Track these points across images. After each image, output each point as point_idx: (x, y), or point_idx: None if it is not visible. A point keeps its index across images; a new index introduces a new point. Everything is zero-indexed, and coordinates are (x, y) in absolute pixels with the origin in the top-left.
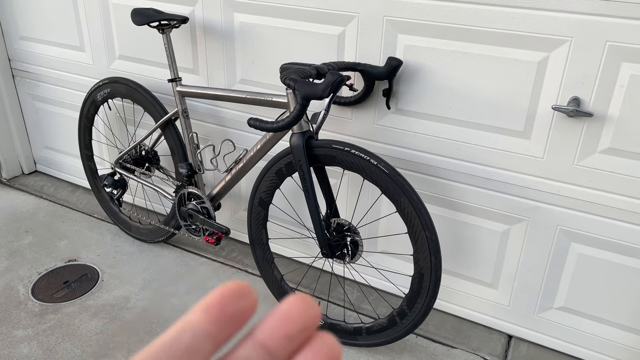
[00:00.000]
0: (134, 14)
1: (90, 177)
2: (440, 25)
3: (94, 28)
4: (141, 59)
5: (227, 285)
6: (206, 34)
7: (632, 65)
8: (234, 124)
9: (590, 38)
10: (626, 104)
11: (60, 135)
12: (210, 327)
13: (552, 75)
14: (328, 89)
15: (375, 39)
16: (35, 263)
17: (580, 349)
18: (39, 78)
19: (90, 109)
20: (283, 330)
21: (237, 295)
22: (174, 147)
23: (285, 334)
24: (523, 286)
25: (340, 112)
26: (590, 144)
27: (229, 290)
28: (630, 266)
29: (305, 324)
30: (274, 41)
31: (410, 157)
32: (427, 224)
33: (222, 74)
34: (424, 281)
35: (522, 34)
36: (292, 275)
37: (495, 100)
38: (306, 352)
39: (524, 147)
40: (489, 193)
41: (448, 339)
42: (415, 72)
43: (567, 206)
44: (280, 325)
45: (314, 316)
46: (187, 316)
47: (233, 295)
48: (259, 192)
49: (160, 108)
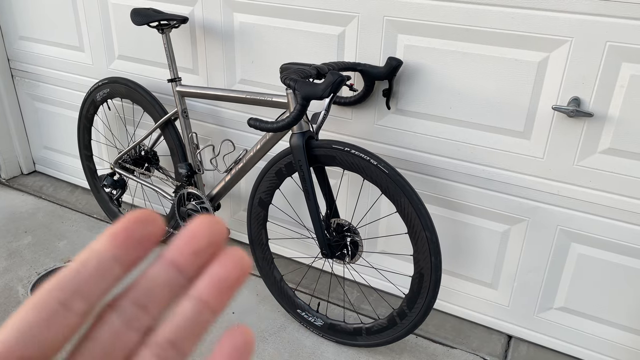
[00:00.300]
0: (133, 14)
1: (90, 177)
2: (441, 26)
3: (94, 28)
4: (141, 59)
5: (132, 214)
6: (206, 34)
7: (632, 66)
8: (233, 124)
9: (590, 38)
10: (626, 104)
11: (60, 136)
12: (116, 251)
13: (552, 75)
14: (328, 89)
15: (375, 39)
16: (34, 263)
17: (580, 349)
18: (38, 78)
19: (89, 109)
20: (190, 247)
21: (143, 222)
22: (174, 147)
23: (192, 250)
24: (523, 286)
25: (340, 112)
26: (590, 144)
27: (134, 217)
28: (630, 266)
29: (211, 239)
30: (273, 41)
31: (410, 157)
32: (427, 224)
33: (221, 74)
34: (424, 281)
35: (523, 34)
36: (292, 276)
37: (495, 100)
38: (214, 265)
39: (524, 148)
40: (489, 193)
41: (448, 339)
42: (416, 72)
43: (567, 206)
44: (187, 242)
45: (220, 232)
46: (92, 244)
47: (138, 222)
48: (258, 192)
49: (159, 108)
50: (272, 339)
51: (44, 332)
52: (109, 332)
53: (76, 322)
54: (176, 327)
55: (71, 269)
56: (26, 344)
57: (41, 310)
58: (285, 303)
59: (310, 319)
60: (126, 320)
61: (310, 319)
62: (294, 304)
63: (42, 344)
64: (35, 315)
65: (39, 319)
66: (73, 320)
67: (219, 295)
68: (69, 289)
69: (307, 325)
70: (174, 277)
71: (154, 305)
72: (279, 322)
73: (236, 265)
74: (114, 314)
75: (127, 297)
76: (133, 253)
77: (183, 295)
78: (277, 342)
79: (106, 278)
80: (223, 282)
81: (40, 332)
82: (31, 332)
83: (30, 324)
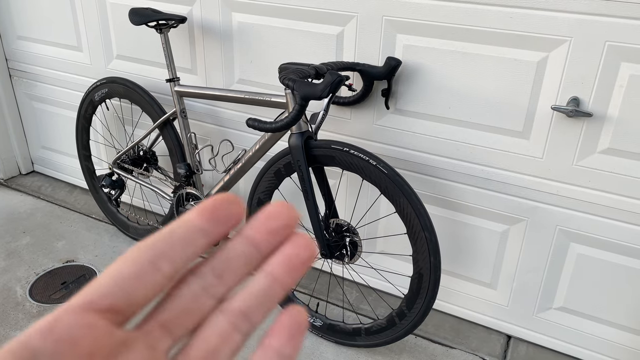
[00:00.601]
0: (131, 14)
1: (88, 177)
2: (440, 25)
3: (92, 28)
4: (139, 58)
5: (218, 196)
6: (204, 33)
7: (631, 65)
8: (232, 124)
9: (589, 38)
10: (625, 104)
11: (58, 136)
12: (203, 223)
13: (552, 75)
14: (327, 89)
15: (374, 38)
16: (32, 264)
17: (579, 349)
18: (36, 78)
19: (87, 109)
20: (267, 226)
21: (227, 202)
22: (172, 148)
23: (268, 229)
24: (522, 286)
25: (339, 112)
26: (589, 144)
27: (219, 198)
28: (629, 266)
29: (286, 222)
30: (272, 41)
31: (410, 157)
32: (427, 225)
33: (220, 73)
34: (423, 282)
35: (522, 34)
36: None
37: (494, 100)
38: (286, 245)
39: (523, 147)
40: (488, 193)
41: (447, 339)
42: (414, 72)
43: (566, 206)
44: (264, 222)
45: (293, 216)
46: (183, 216)
47: (224, 202)
48: (257, 192)
49: (158, 108)
50: None
51: (134, 286)
52: (189, 295)
53: (162, 282)
54: (249, 298)
55: (162, 234)
56: (117, 295)
57: (133, 266)
58: (284, 303)
59: (310, 320)
60: (205, 286)
61: (309, 319)
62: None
63: (130, 297)
64: (128, 269)
65: (131, 274)
66: (159, 280)
67: (289, 272)
68: (159, 251)
69: None
70: (250, 252)
71: (230, 276)
72: None
73: (306, 247)
74: (194, 279)
75: (207, 265)
76: (217, 228)
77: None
78: None
79: (192, 246)
80: (294, 260)
81: (131, 286)
82: (123, 284)
83: (123, 278)
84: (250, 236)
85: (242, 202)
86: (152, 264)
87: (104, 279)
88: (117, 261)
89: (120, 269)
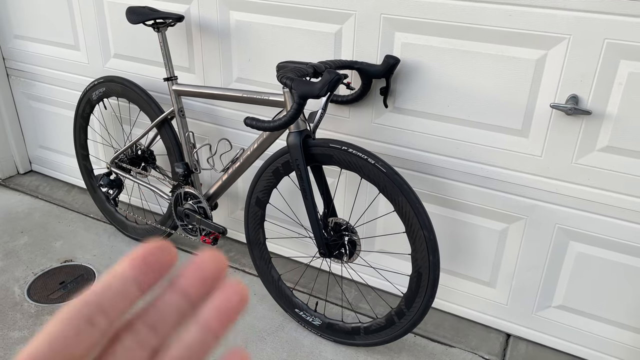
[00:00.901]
0: (128, 13)
1: (86, 176)
2: (438, 23)
3: (89, 27)
4: (137, 57)
5: (149, 243)
6: (202, 32)
7: (630, 63)
8: (230, 123)
9: (588, 35)
10: (624, 102)
11: (56, 135)
12: (136, 274)
13: (551, 73)
14: (325, 88)
15: (372, 37)
16: (30, 264)
17: (578, 347)
18: (33, 77)
19: (85, 108)
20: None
21: (158, 250)
22: (170, 147)
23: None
24: (521, 285)
25: (338, 110)
26: (588, 142)
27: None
28: (628, 264)
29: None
30: (270, 39)
31: (408, 156)
32: (425, 223)
33: (218, 72)
34: (422, 280)
35: (520, 32)
36: (290, 275)
37: (493, 98)
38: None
39: (522, 146)
40: (487, 192)
41: (446, 338)
42: (413, 70)
43: (565, 204)
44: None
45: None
46: (115, 267)
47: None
48: (256, 191)
49: (156, 107)
50: (270, 338)
51: (71, 345)
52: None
53: (98, 338)
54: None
55: (97, 288)
56: (55, 355)
57: (69, 324)
58: (283, 302)
59: (309, 319)
60: (139, 339)
61: (308, 318)
62: (292, 304)
63: (68, 357)
64: (64, 329)
65: (67, 333)
66: (95, 336)
67: (222, 321)
68: (94, 307)
69: (305, 324)
70: (182, 303)
71: (163, 327)
72: (277, 322)
73: (237, 295)
74: (129, 334)
75: (140, 318)
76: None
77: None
78: (275, 341)
79: (126, 298)
80: (225, 309)
81: (68, 346)
82: (60, 344)
83: (58, 338)
84: (182, 287)
85: (172, 248)
86: (87, 320)
87: (38, 342)
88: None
89: (55, 330)
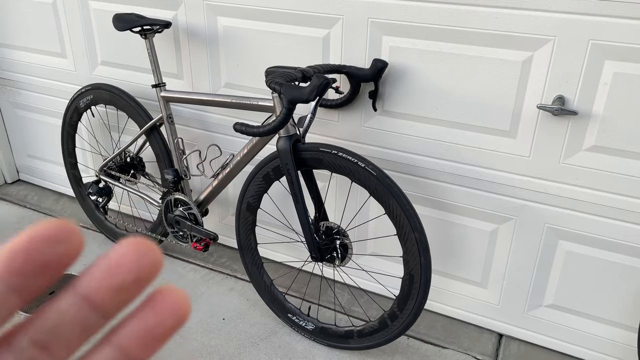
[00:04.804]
0: (115, 20)
1: (75, 185)
2: (425, 27)
3: (76, 34)
4: (124, 64)
5: (40, 227)
6: (190, 38)
7: (615, 63)
8: (219, 128)
9: (573, 37)
10: (610, 102)
11: (43, 144)
12: (12, 279)
13: (537, 74)
14: (314, 92)
15: (360, 41)
16: None
17: (570, 346)
18: (20, 85)
19: (73, 116)
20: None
21: (52, 240)
22: (160, 153)
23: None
24: (512, 285)
25: (327, 114)
26: (575, 142)
27: (40, 234)
28: (617, 262)
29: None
30: (258, 45)
31: (398, 159)
32: (416, 225)
33: (206, 78)
34: (414, 282)
35: (506, 34)
36: (282, 280)
37: (480, 100)
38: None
39: (510, 147)
40: (476, 193)
41: (439, 339)
42: (401, 73)
43: (554, 204)
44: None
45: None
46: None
47: (46, 240)
48: (246, 197)
49: (144, 114)
50: (263, 344)
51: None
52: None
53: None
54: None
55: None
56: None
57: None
58: (276, 307)
59: (301, 323)
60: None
61: (301, 323)
62: (284, 309)
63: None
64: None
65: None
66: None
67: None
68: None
69: (298, 329)
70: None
71: (58, 347)
72: (270, 327)
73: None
74: (7, 354)
75: (25, 333)
76: (35, 281)
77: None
78: (268, 347)
79: (2, 309)
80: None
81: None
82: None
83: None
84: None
85: (75, 233)
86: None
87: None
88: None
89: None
